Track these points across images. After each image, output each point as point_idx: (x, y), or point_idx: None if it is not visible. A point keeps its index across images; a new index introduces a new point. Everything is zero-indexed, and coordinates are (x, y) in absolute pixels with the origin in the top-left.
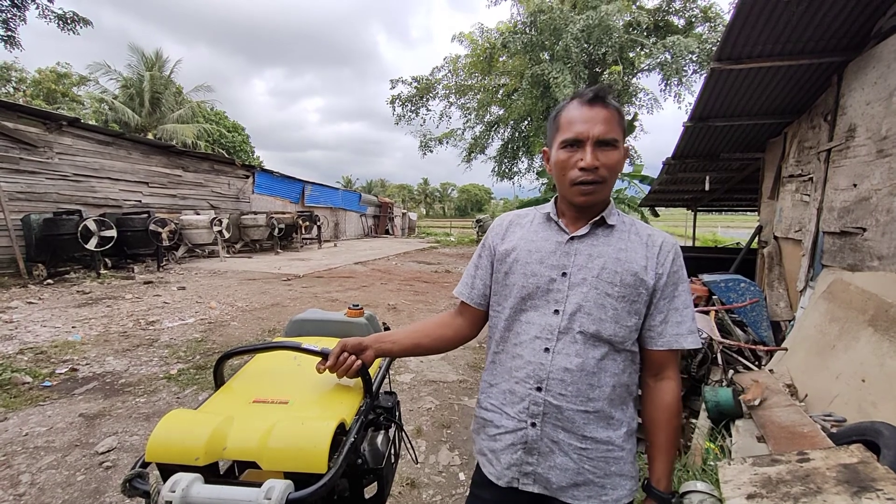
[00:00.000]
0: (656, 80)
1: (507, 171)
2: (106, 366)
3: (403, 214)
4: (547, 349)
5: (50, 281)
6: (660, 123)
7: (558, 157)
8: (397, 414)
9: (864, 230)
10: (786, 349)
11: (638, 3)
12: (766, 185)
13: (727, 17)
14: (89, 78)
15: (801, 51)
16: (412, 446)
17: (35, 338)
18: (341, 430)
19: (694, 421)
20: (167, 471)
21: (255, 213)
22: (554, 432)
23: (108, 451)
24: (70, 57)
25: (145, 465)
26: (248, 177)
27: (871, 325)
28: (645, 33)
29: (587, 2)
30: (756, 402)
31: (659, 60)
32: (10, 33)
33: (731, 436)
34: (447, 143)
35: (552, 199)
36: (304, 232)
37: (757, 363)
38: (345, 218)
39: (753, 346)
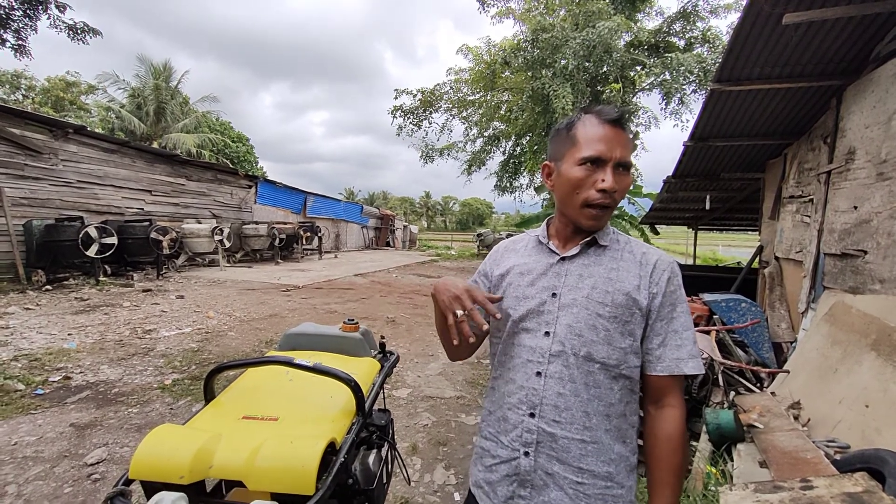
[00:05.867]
0: (656, 98)
1: (507, 185)
2: (100, 374)
3: (405, 227)
4: (539, 373)
5: (48, 287)
6: (660, 142)
7: (573, 173)
8: (391, 432)
9: (866, 253)
10: (788, 371)
11: (639, 24)
12: (766, 206)
13: (726, 40)
14: (98, 87)
15: (799, 74)
16: (405, 466)
17: (30, 344)
18: (331, 450)
19: (695, 444)
20: (151, 489)
21: (257, 222)
22: (548, 463)
23: (97, 462)
24: (81, 67)
25: (129, 482)
26: (250, 187)
27: (873, 349)
28: (646, 53)
29: (588, 20)
30: (754, 419)
31: (659, 79)
32: (20, 42)
33: (732, 460)
34: (448, 154)
35: (543, 222)
36: (304, 243)
37: (758, 385)
38: (346, 229)
39: (755, 368)
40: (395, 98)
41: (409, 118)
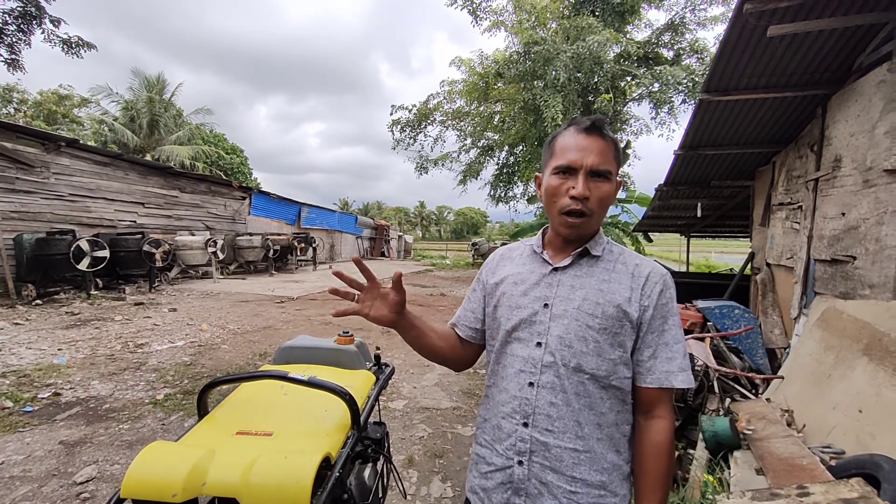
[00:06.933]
0: (647, 108)
1: (502, 195)
2: (90, 390)
3: (399, 237)
4: (531, 383)
5: (39, 302)
6: (652, 151)
7: (549, 182)
8: (386, 445)
9: (855, 258)
10: (782, 377)
11: (628, 36)
12: (756, 213)
13: (713, 51)
14: (91, 100)
15: (785, 84)
16: (401, 479)
17: (19, 360)
18: (326, 464)
19: (691, 452)
20: None
21: (251, 234)
22: (542, 473)
23: (87, 481)
24: (75, 78)
25: (120, 501)
26: (244, 198)
27: (865, 354)
28: (636, 64)
29: (579, 34)
30: (750, 429)
31: (649, 90)
32: (14, 56)
33: (729, 468)
34: (442, 165)
35: (539, 231)
36: (299, 254)
37: (754, 391)
38: (341, 240)
39: (750, 374)
40: (392, 114)
41: (405, 132)
